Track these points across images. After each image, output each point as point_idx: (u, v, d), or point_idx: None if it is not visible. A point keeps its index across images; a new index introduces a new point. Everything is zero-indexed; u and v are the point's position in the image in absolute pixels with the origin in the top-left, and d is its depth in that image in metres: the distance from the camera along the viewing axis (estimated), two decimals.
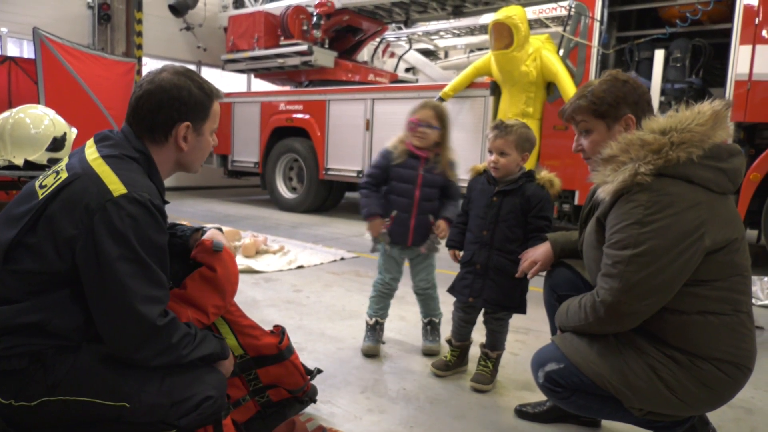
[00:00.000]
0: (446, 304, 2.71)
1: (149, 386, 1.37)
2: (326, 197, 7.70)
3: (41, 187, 1.37)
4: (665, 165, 1.44)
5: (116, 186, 1.31)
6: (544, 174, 2.23)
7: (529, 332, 3.03)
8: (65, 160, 1.45)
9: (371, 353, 2.62)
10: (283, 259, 4.52)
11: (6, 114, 4.14)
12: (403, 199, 2.53)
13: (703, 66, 4.70)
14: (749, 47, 4.26)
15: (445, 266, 3.35)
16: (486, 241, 2.27)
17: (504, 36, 5.19)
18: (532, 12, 7.98)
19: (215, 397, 1.45)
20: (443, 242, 2.54)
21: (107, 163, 1.36)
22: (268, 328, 1.96)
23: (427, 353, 2.65)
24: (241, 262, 4.31)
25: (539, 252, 2.04)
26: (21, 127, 4.06)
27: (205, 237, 1.68)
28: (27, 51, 8.20)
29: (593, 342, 1.60)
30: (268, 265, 4.34)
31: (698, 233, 1.42)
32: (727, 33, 4.43)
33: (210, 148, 1.60)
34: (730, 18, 4.42)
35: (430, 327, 2.74)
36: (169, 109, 1.44)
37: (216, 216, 7.01)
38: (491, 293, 2.27)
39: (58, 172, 1.39)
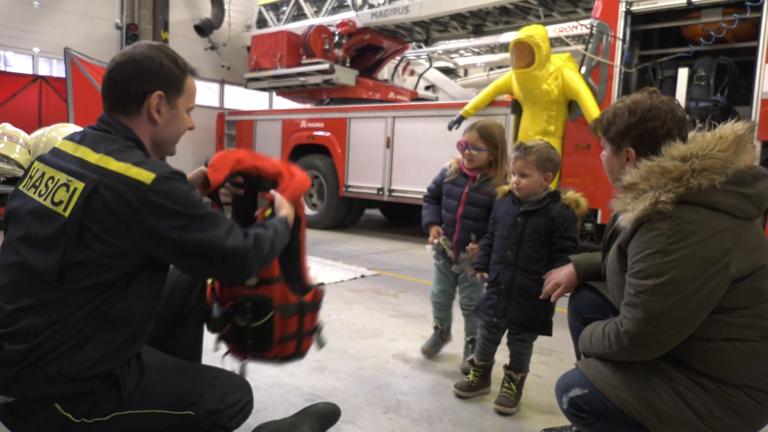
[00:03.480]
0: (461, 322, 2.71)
1: (208, 393, 1.51)
2: (346, 214, 7.74)
3: (55, 203, 1.33)
4: (687, 192, 1.42)
5: (143, 175, 1.32)
6: (570, 194, 2.23)
7: (553, 354, 3.00)
8: (51, 171, 1.40)
9: (425, 352, 2.85)
10: None
11: (39, 132, 4.26)
12: (448, 214, 2.65)
13: (728, 84, 4.65)
14: None
15: None
16: (510, 261, 2.28)
17: (525, 55, 5.21)
18: (553, 31, 8.01)
19: (252, 399, 1.65)
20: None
21: (117, 158, 1.35)
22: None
23: (466, 372, 2.59)
24: None
25: (563, 274, 2.04)
26: (54, 145, 4.17)
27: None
28: (57, 70, 8.45)
29: (618, 368, 1.58)
30: None
31: (723, 261, 1.40)
32: (753, 51, 4.39)
33: (186, 127, 1.59)
34: (755, 36, 4.38)
35: (472, 345, 2.72)
36: (140, 80, 1.44)
37: None
38: (515, 314, 2.27)
39: (66, 184, 1.34)
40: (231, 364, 1.83)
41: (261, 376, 2.52)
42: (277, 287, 1.74)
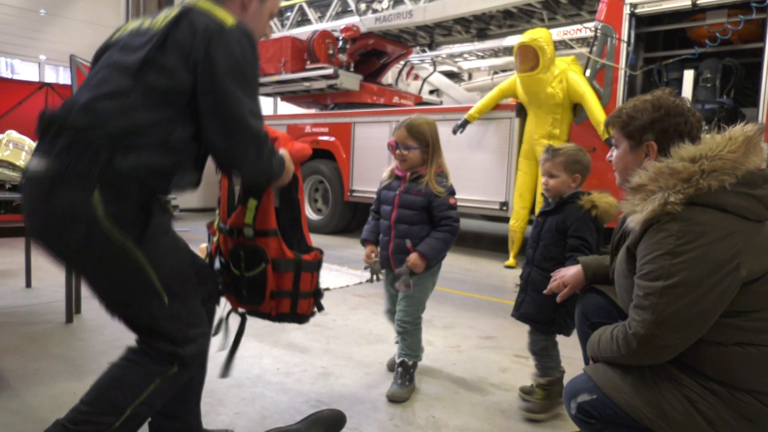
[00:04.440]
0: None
1: (186, 300, 1.58)
2: (351, 219, 7.74)
3: (153, 24, 1.55)
4: (696, 194, 1.41)
5: (228, 18, 1.52)
6: (592, 196, 2.22)
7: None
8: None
9: (389, 367, 2.69)
10: None
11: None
12: (384, 222, 2.50)
13: (735, 86, 4.62)
14: None
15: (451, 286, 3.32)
16: (529, 258, 2.37)
17: (530, 58, 5.20)
18: (558, 34, 8.00)
19: (208, 335, 1.68)
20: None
21: (213, 3, 1.57)
22: (296, 355, 1.95)
23: (391, 399, 2.35)
24: None
25: (570, 274, 2.02)
26: None
27: None
28: (63, 77, 8.50)
29: (627, 373, 1.55)
30: None
31: (733, 263, 1.38)
32: (759, 52, 4.37)
33: (263, 31, 1.78)
34: (761, 37, 4.36)
35: (402, 369, 2.45)
36: None
37: None
38: (527, 308, 2.34)
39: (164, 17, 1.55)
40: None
41: (266, 383, 2.51)
42: (273, 240, 1.78)
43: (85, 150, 1.39)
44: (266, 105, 10.86)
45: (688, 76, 4.75)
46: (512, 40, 8.42)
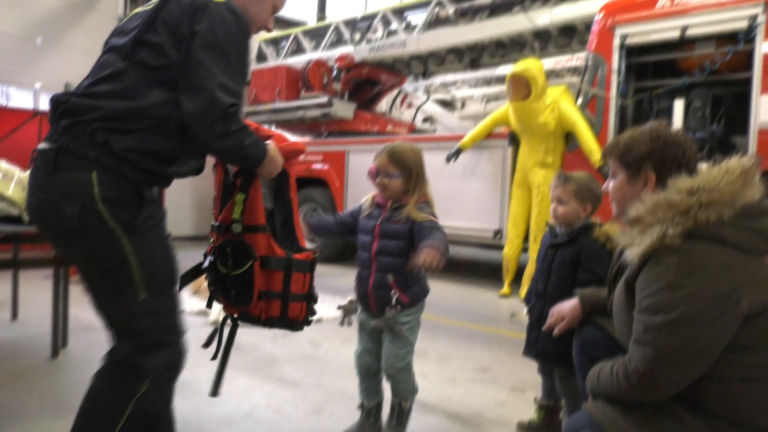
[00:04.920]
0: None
1: (166, 299, 1.59)
2: (345, 247, 7.68)
3: (144, 9, 1.61)
4: (694, 226, 1.39)
5: None
6: (606, 228, 2.17)
7: None
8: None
9: None
10: None
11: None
12: (363, 253, 2.24)
13: (724, 115, 4.67)
14: None
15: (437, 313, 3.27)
16: (540, 293, 2.28)
17: (521, 88, 5.25)
18: (549, 63, 8.10)
19: (180, 349, 1.64)
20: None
21: None
22: (287, 389, 1.90)
23: None
24: None
25: (567, 307, 1.99)
26: None
27: None
28: None
29: (628, 411, 1.51)
30: None
31: (733, 297, 1.35)
32: (747, 82, 4.42)
33: (264, 18, 1.79)
34: (749, 67, 4.42)
35: (397, 411, 2.29)
36: None
37: None
38: (543, 345, 2.23)
39: None
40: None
41: (256, 419, 2.44)
42: (262, 237, 1.73)
43: (83, 131, 1.46)
44: None
45: (679, 105, 4.80)
46: (504, 70, 8.52)
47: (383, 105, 10.05)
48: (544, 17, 6.21)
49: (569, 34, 6.60)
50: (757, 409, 1.39)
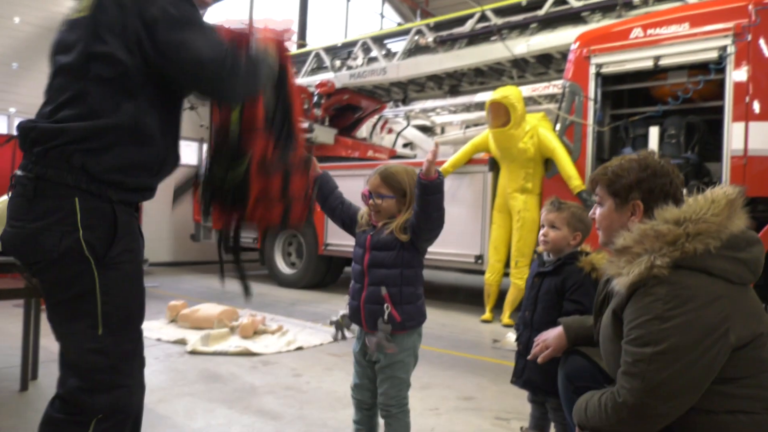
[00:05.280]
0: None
1: (121, 340, 1.52)
2: (325, 273, 7.62)
3: (78, 11, 1.53)
4: (682, 257, 1.39)
5: None
6: (591, 257, 2.17)
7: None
8: None
9: None
10: (281, 340, 4.38)
11: (4, 197, 4.14)
12: (356, 266, 2.18)
13: (698, 142, 4.78)
14: (742, 124, 4.35)
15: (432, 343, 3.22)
16: (527, 321, 2.27)
17: (501, 115, 5.32)
18: (527, 90, 8.26)
19: (130, 395, 1.55)
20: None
21: None
22: (267, 422, 1.83)
23: None
24: (238, 343, 4.18)
25: (552, 336, 1.98)
26: None
27: None
28: None
29: None
30: (267, 346, 4.20)
31: (722, 329, 1.35)
32: (719, 110, 4.54)
33: None
34: (720, 95, 4.54)
35: None
36: None
37: (213, 292, 6.89)
38: (531, 374, 2.20)
39: None
40: None
41: None
42: (259, 138, 1.70)
43: (59, 157, 1.43)
44: None
45: (654, 132, 4.90)
46: (483, 97, 8.67)
47: (364, 130, 10.09)
48: (522, 46, 6.33)
49: (546, 63, 6.74)
50: None
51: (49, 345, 3.69)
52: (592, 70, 5.16)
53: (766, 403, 1.40)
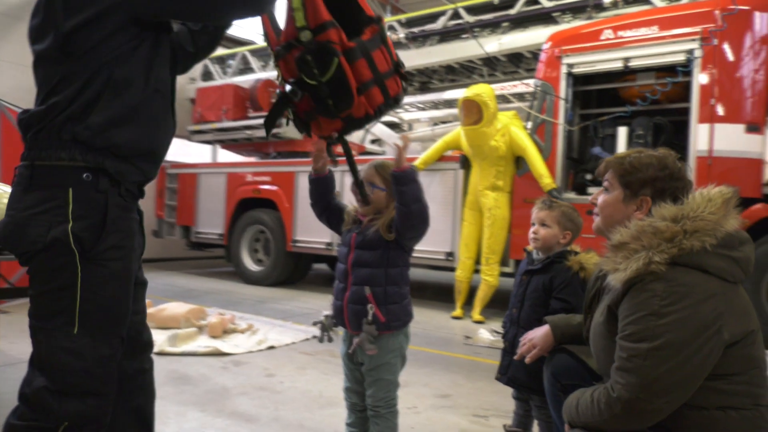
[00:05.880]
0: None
1: (98, 344, 1.43)
2: (293, 270, 7.51)
3: None
4: (679, 254, 1.39)
5: None
6: (580, 256, 2.16)
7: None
8: None
9: None
10: (252, 339, 4.28)
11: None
12: (340, 265, 2.13)
13: (665, 142, 4.89)
14: (707, 125, 4.47)
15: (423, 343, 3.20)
16: (514, 319, 2.26)
17: (473, 112, 5.33)
18: (498, 88, 8.31)
19: (104, 405, 1.46)
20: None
21: None
22: (242, 425, 1.74)
23: None
24: (207, 343, 4.06)
25: (539, 335, 1.97)
26: None
27: None
28: None
29: None
30: (237, 346, 4.09)
31: (716, 326, 1.36)
32: (686, 112, 4.66)
33: None
34: (687, 98, 4.66)
35: None
36: None
37: (178, 290, 6.70)
38: (516, 372, 2.19)
39: None
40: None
41: None
42: (333, 33, 1.61)
43: (49, 135, 1.41)
44: (204, 153, 10.57)
45: (622, 132, 5.00)
46: (452, 94, 8.68)
47: None
48: (493, 44, 6.37)
49: (516, 61, 6.80)
50: None
51: (6, 347, 3.52)
52: (564, 69, 5.22)
53: (755, 399, 1.42)
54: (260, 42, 9.13)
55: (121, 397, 1.57)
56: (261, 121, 8.01)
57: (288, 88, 1.70)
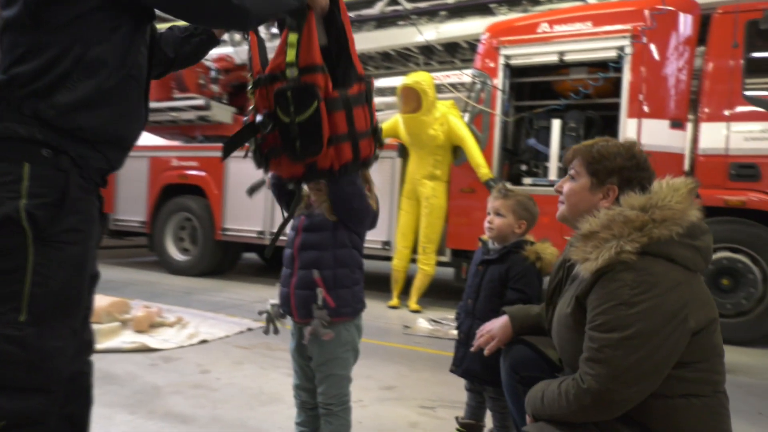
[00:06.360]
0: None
1: (46, 334, 1.29)
2: (222, 259, 7.20)
3: None
4: (648, 243, 1.39)
5: None
6: (536, 246, 2.14)
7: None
8: None
9: None
10: (182, 333, 4.04)
11: None
12: (287, 250, 2.02)
13: (596, 136, 5.05)
14: (636, 120, 4.67)
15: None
16: (470, 309, 2.22)
17: (412, 100, 5.28)
18: (436, 78, 8.34)
19: (48, 404, 1.32)
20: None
21: None
22: (177, 427, 1.63)
23: None
24: (133, 339, 3.78)
25: (497, 326, 1.94)
26: None
27: None
28: None
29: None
30: (166, 341, 3.84)
31: (683, 314, 1.37)
32: (616, 107, 4.84)
33: None
34: (617, 93, 4.84)
35: None
36: None
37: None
38: (470, 364, 2.15)
39: None
40: None
41: None
42: (321, 78, 1.60)
43: (8, 108, 1.29)
44: None
45: (556, 125, 5.12)
46: (386, 82, 8.62)
47: None
48: (431, 32, 6.34)
49: (453, 51, 6.83)
50: (696, 424, 1.41)
51: None
52: (501, 61, 5.28)
53: (715, 386, 1.45)
54: None
55: None
56: (187, 102, 7.61)
57: (259, 118, 1.68)
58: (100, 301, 4.28)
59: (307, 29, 1.60)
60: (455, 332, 4.23)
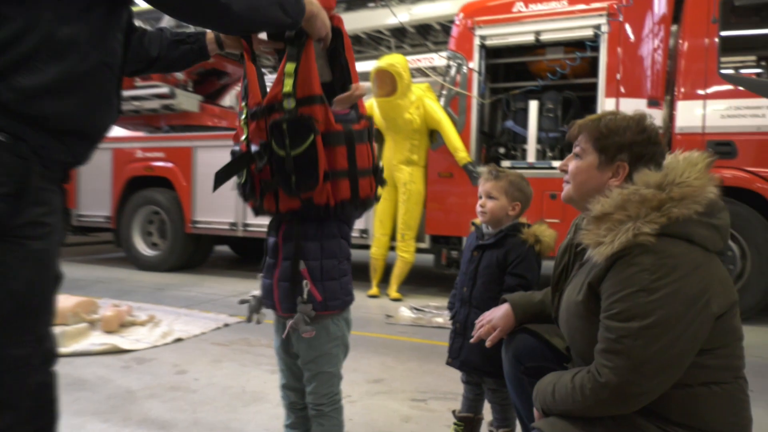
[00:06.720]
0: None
1: (4, 342, 1.15)
2: (193, 253, 6.98)
3: None
4: (668, 223, 1.29)
5: None
6: (533, 228, 2.04)
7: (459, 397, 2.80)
8: None
9: None
10: (155, 332, 3.85)
11: None
12: (271, 238, 1.86)
13: (574, 116, 5.01)
14: (613, 100, 4.63)
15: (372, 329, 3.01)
16: (465, 298, 2.11)
17: (386, 83, 5.14)
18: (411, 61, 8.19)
19: (13, 423, 1.18)
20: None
21: None
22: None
23: None
24: (103, 340, 3.58)
25: (498, 315, 1.83)
26: None
27: None
28: None
29: (588, 426, 1.38)
30: (138, 341, 3.65)
31: (705, 298, 1.28)
32: (593, 87, 4.79)
33: None
34: (594, 73, 4.78)
35: None
36: None
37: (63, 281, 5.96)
38: (469, 355, 2.05)
39: None
40: None
41: None
42: (319, 110, 1.52)
43: None
44: None
45: (533, 106, 5.06)
46: (357, 67, 8.43)
47: (228, 99, 9.36)
48: (404, 14, 6.19)
49: (425, 34, 6.69)
50: (718, 412, 1.34)
51: None
52: (477, 41, 5.18)
53: (736, 371, 1.37)
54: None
55: None
56: (150, 90, 7.29)
57: (254, 148, 1.60)
58: (66, 301, 4.05)
59: (305, 58, 1.52)
60: (440, 320, 4.13)
